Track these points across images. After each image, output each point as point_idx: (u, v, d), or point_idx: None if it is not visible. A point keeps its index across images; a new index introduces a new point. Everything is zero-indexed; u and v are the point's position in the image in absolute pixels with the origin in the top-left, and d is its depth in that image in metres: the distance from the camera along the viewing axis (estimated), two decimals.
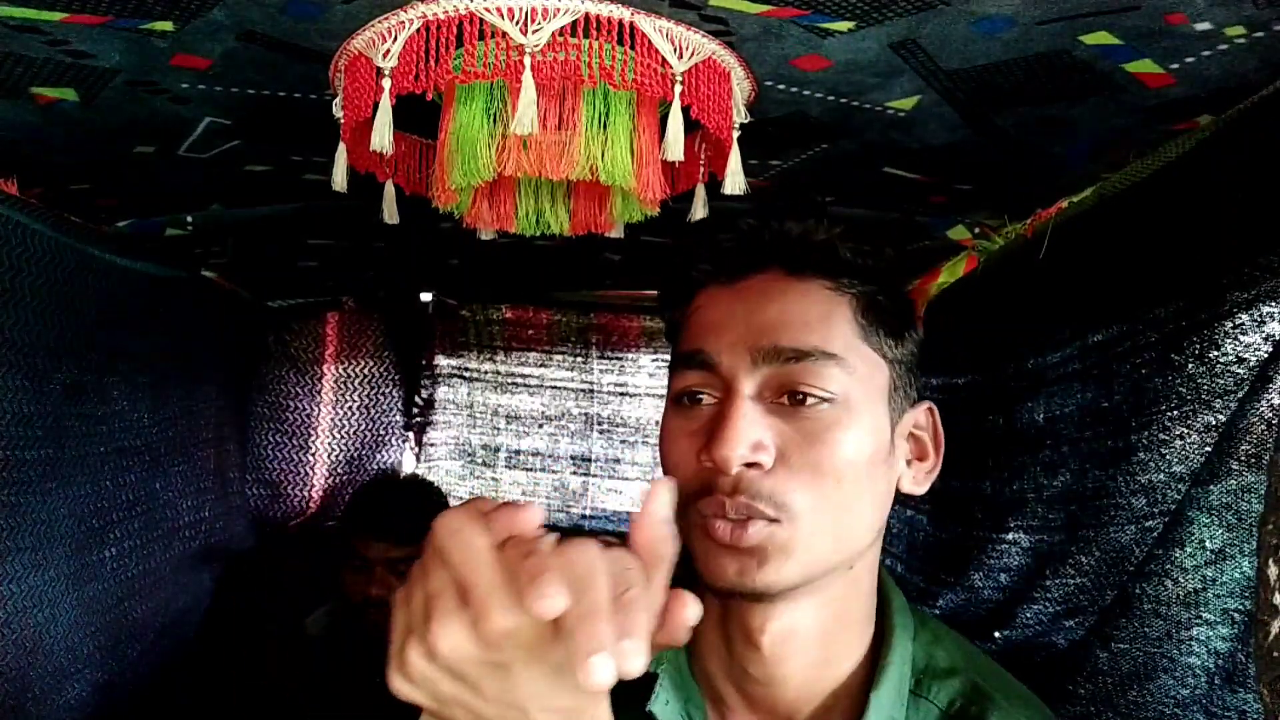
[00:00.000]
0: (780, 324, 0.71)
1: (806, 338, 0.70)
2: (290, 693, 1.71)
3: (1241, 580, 0.84)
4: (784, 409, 0.70)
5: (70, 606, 1.20)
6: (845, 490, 0.70)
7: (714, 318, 0.74)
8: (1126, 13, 0.67)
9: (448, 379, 2.26)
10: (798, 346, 0.70)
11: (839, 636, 0.75)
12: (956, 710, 0.74)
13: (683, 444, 0.72)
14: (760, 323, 0.71)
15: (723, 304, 0.74)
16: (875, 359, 0.74)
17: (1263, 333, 0.83)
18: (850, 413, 0.70)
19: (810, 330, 0.71)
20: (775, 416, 0.70)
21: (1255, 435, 0.78)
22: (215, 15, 0.71)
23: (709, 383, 0.72)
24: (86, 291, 1.18)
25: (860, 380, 0.72)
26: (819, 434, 0.69)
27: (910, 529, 1.50)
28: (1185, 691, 0.89)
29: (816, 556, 0.70)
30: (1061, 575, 1.07)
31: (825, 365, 0.70)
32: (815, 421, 0.69)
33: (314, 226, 1.44)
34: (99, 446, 1.28)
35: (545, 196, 0.96)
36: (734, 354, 0.71)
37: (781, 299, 0.73)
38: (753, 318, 0.72)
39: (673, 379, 0.75)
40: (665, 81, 0.73)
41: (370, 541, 1.71)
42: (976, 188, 1.09)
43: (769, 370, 0.70)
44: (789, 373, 0.70)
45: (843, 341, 0.72)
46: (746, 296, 0.74)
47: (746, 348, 0.71)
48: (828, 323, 0.72)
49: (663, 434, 0.75)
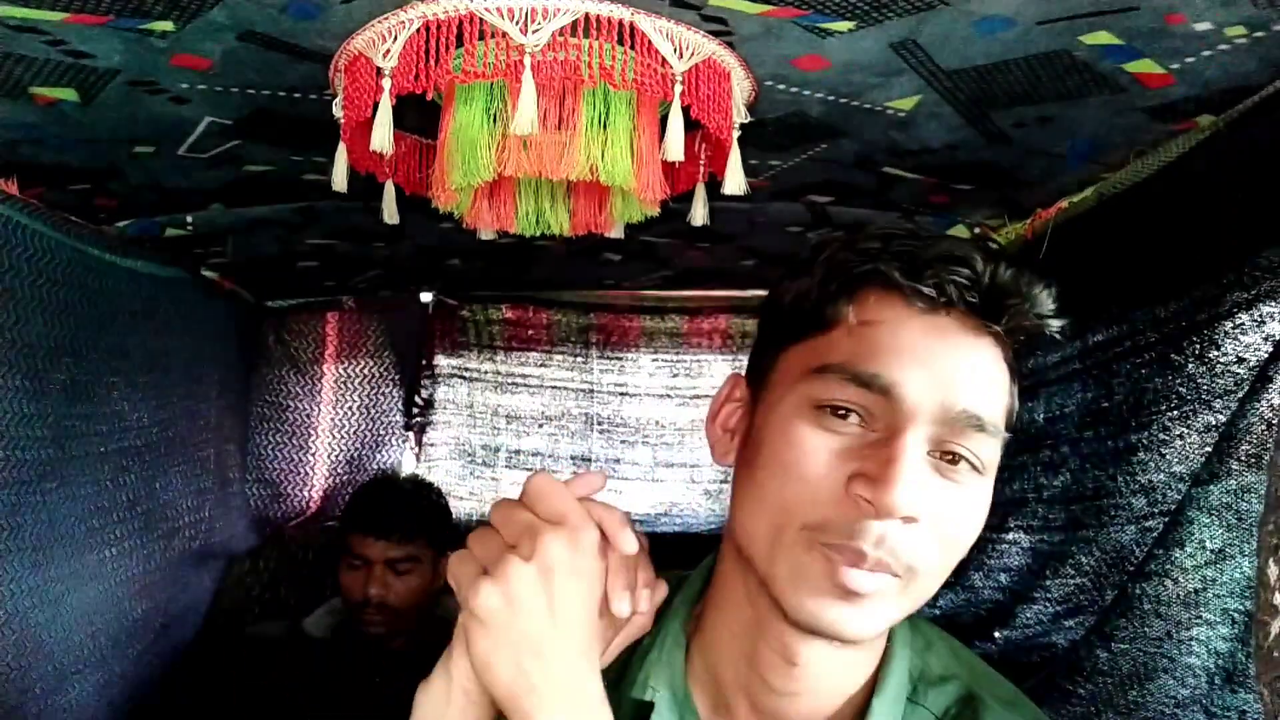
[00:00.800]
0: (976, 385, 0.66)
1: (989, 408, 0.66)
2: (290, 693, 1.71)
3: (1241, 580, 0.84)
4: (938, 464, 0.66)
5: (70, 606, 1.20)
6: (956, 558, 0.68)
7: (905, 345, 0.66)
8: (1126, 13, 0.67)
9: (448, 379, 2.26)
10: (983, 416, 0.65)
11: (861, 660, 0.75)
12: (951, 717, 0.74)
13: (820, 460, 0.65)
14: (958, 376, 0.65)
15: (916, 333, 0.66)
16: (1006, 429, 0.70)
17: (1263, 333, 0.83)
18: (985, 487, 0.68)
19: (995, 400, 0.67)
20: (930, 474, 0.65)
21: (1255, 435, 0.79)
22: (215, 15, 0.71)
23: (874, 409, 0.65)
24: (86, 291, 1.18)
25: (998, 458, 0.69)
26: (964, 504, 0.66)
27: None
28: (1185, 691, 0.89)
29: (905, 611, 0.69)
30: (1061, 575, 1.07)
31: (992, 440, 0.66)
32: (963, 489, 0.66)
33: (314, 226, 1.44)
34: (99, 446, 1.28)
35: (545, 196, 0.96)
36: (923, 396, 0.64)
37: (979, 356, 0.67)
38: (949, 366, 0.65)
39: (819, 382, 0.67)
40: (665, 81, 0.73)
41: (369, 541, 1.71)
42: (976, 188, 1.09)
43: (948, 427, 0.65)
44: (963, 436, 0.65)
45: (1006, 410, 0.69)
46: (945, 337, 0.66)
47: (939, 395, 0.64)
48: (1002, 390, 0.68)
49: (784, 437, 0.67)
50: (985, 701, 0.74)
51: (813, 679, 0.72)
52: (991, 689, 0.76)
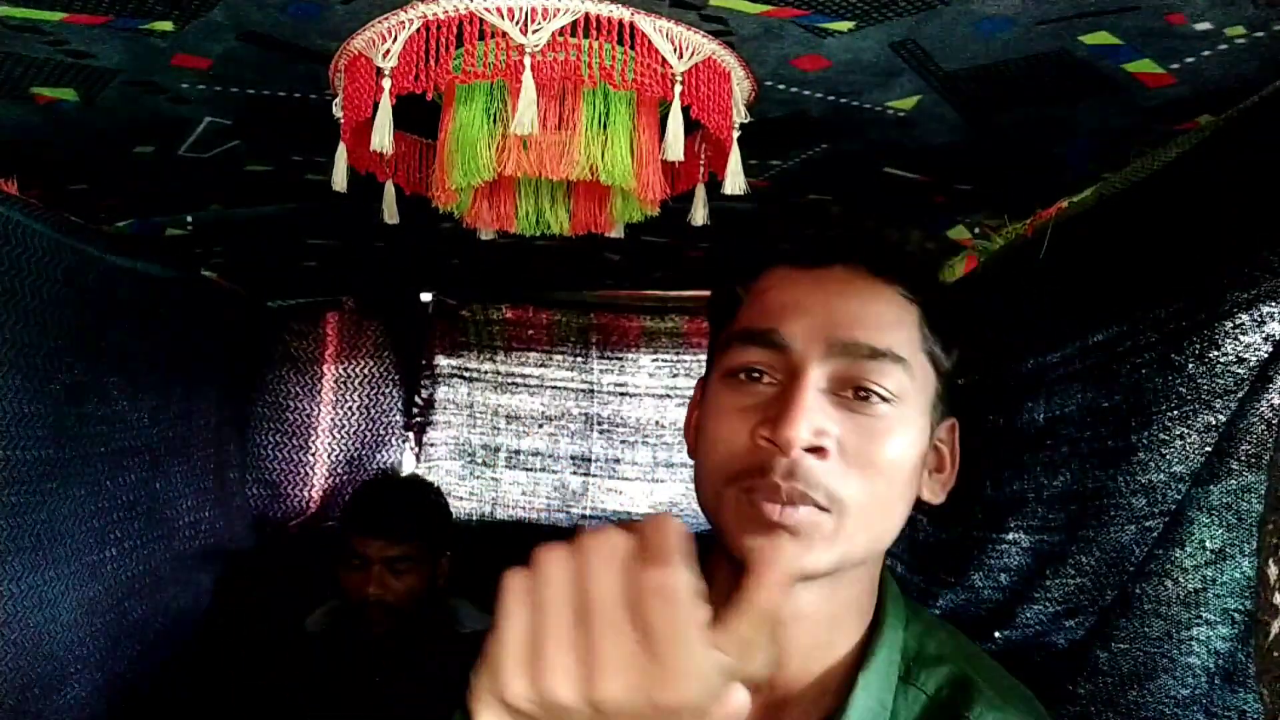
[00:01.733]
0: (860, 320, 0.72)
1: (882, 337, 0.72)
2: (290, 692, 1.71)
3: (1241, 580, 0.84)
4: (847, 403, 0.71)
5: (70, 606, 1.20)
6: (890, 490, 0.72)
7: (789, 300, 0.74)
8: (1126, 13, 0.67)
9: (448, 379, 2.26)
10: (874, 345, 0.71)
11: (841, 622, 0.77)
12: (944, 697, 0.75)
13: (734, 419, 0.72)
14: (841, 315, 0.72)
15: (800, 288, 0.75)
16: (929, 369, 0.75)
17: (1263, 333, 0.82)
18: (905, 416, 0.72)
19: (886, 331, 0.72)
20: (837, 408, 0.71)
21: (1255, 435, 0.79)
22: (215, 15, 0.71)
23: (773, 363, 0.72)
24: (86, 291, 1.18)
25: (918, 387, 0.74)
26: (878, 432, 0.71)
27: (910, 529, 1.49)
28: (1185, 691, 0.89)
29: (851, 550, 0.71)
30: (1061, 575, 1.07)
31: (893, 367, 0.71)
32: (876, 420, 0.71)
33: (314, 226, 1.44)
34: (99, 446, 1.28)
35: (545, 196, 0.96)
36: (809, 339, 0.71)
37: (862, 296, 0.74)
38: (833, 308, 0.73)
39: (728, 353, 0.75)
40: (665, 81, 0.73)
41: (368, 540, 1.71)
42: (976, 188, 1.09)
43: (841, 363, 0.71)
44: (860, 368, 0.71)
45: (910, 347, 0.73)
46: (827, 286, 0.74)
47: (824, 336, 0.71)
48: (901, 327, 0.74)
49: (707, 409, 0.75)
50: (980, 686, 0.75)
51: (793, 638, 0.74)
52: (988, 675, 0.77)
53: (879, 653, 0.76)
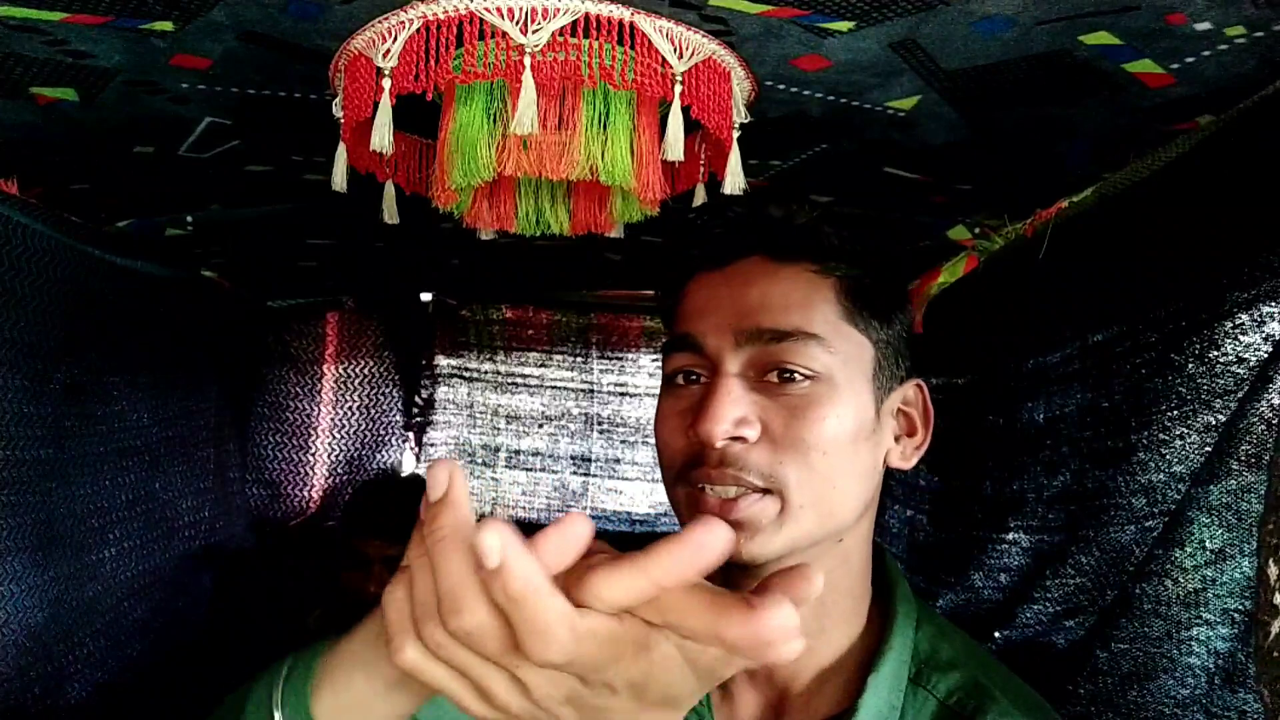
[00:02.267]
0: (762, 306, 0.74)
1: (787, 318, 0.74)
2: None
3: (1241, 580, 0.84)
4: (770, 386, 0.73)
5: (70, 606, 1.20)
6: (830, 463, 0.72)
7: (701, 302, 0.78)
8: (1126, 13, 0.67)
9: (448, 379, 2.26)
10: (778, 327, 0.73)
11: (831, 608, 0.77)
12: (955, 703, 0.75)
13: (672, 421, 0.76)
14: (743, 305, 0.75)
15: (710, 288, 0.78)
16: (859, 339, 0.76)
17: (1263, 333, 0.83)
18: (833, 390, 0.73)
19: (791, 312, 0.74)
20: (760, 394, 0.73)
21: (1255, 435, 0.79)
22: (215, 15, 0.71)
23: (698, 363, 0.76)
24: (86, 291, 1.18)
25: (843, 359, 0.75)
26: (802, 409, 0.72)
27: (910, 529, 1.49)
28: (1185, 691, 0.89)
29: (803, 529, 0.72)
30: (1061, 575, 1.07)
31: (807, 344, 0.73)
32: (799, 398, 0.73)
33: (314, 226, 1.44)
34: (99, 446, 1.28)
35: (545, 196, 0.96)
36: (719, 335, 0.74)
37: (764, 282, 0.76)
38: (737, 300, 0.75)
39: (666, 361, 0.79)
40: (665, 81, 0.73)
41: (369, 540, 1.73)
42: (976, 188, 1.09)
43: (753, 350, 0.73)
44: (772, 352, 0.73)
45: (824, 322, 0.75)
46: (732, 281, 0.77)
47: (730, 329, 0.74)
48: (809, 304, 0.75)
49: (656, 415, 0.79)
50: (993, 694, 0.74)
51: None
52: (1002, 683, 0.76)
53: (889, 654, 0.75)
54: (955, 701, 0.74)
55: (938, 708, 0.74)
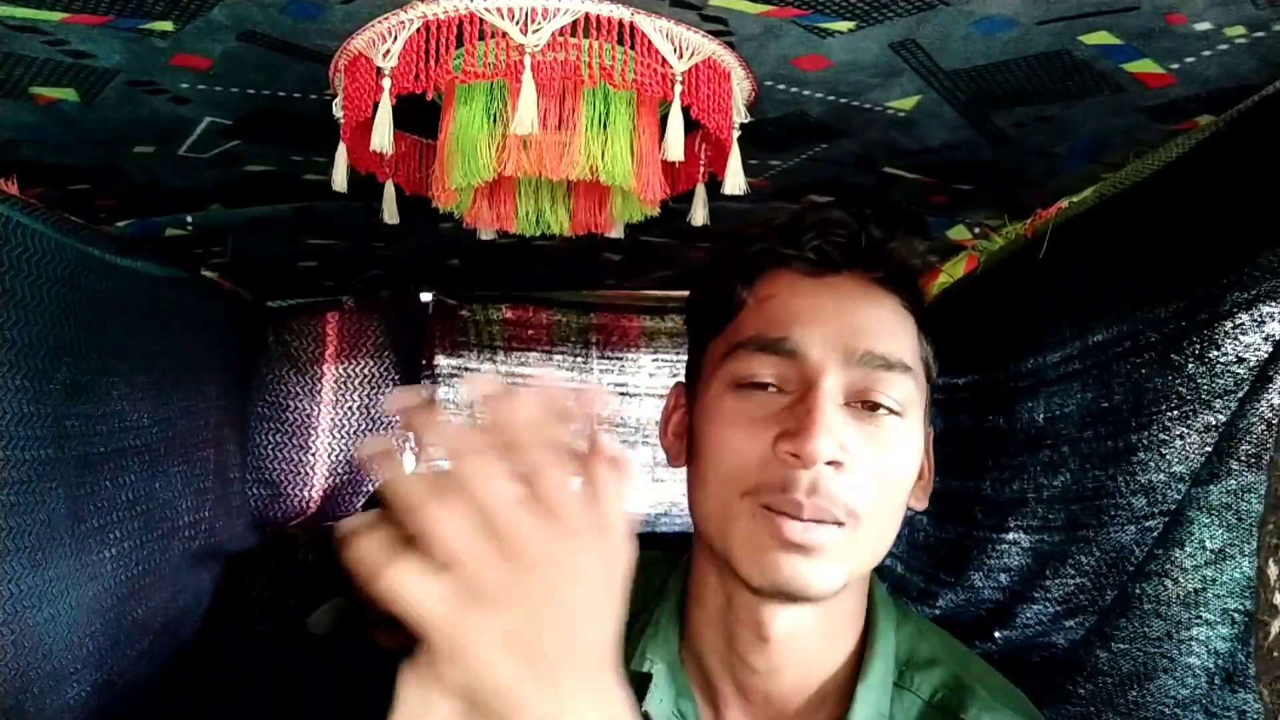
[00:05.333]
0: (874, 330, 0.71)
1: (895, 348, 0.71)
2: (291, 692, 1.71)
3: (1241, 580, 0.84)
4: (857, 413, 0.70)
5: (70, 606, 1.20)
6: (897, 500, 0.72)
7: (799, 307, 0.72)
8: (1126, 13, 0.67)
9: (448, 379, 2.26)
10: (887, 355, 0.71)
11: (837, 635, 0.76)
12: (938, 700, 0.75)
13: (748, 428, 0.70)
14: (855, 324, 0.71)
15: (809, 296, 0.73)
16: (924, 376, 0.76)
17: (1263, 333, 0.83)
18: (907, 427, 0.72)
19: (897, 341, 0.72)
20: (850, 421, 0.70)
21: (1255, 435, 0.78)
22: (215, 15, 0.71)
23: (785, 372, 0.71)
24: (86, 291, 1.18)
25: (919, 397, 0.74)
26: (887, 443, 0.70)
27: (910, 529, 1.49)
28: (1185, 691, 0.89)
29: (861, 562, 0.71)
30: (1061, 575, 1.07)
31: (903, 378, 0.71)
32: (885, 431, 0.70)
33: (314, 226, 1.44)
34: (99, 446, 1.28)
35: (545, 196, 0.96)
36: (825, 349, 0.70)
37: (871, 306, 0.73)
38: (845, 316, 0.71)
39: (732, 360, 0.73)
40: (665, 81, 0.73)
41: None
42: (976, 188, 1.09)
43: (856, 373, 0.70)
44: (873, 379, 0.70)
45: (913, 357, 0.74)
46: (837, 294, 0.73)
47: (840, 345, 0.70)
48: (905, 336, 0.74)
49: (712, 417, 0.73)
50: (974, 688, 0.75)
51: (789, 654, 0.74)
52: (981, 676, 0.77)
53: (875, 663, 0.75)
54: (939, 699, 0.75)
55: (923, 707, 0.75)
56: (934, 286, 1.38)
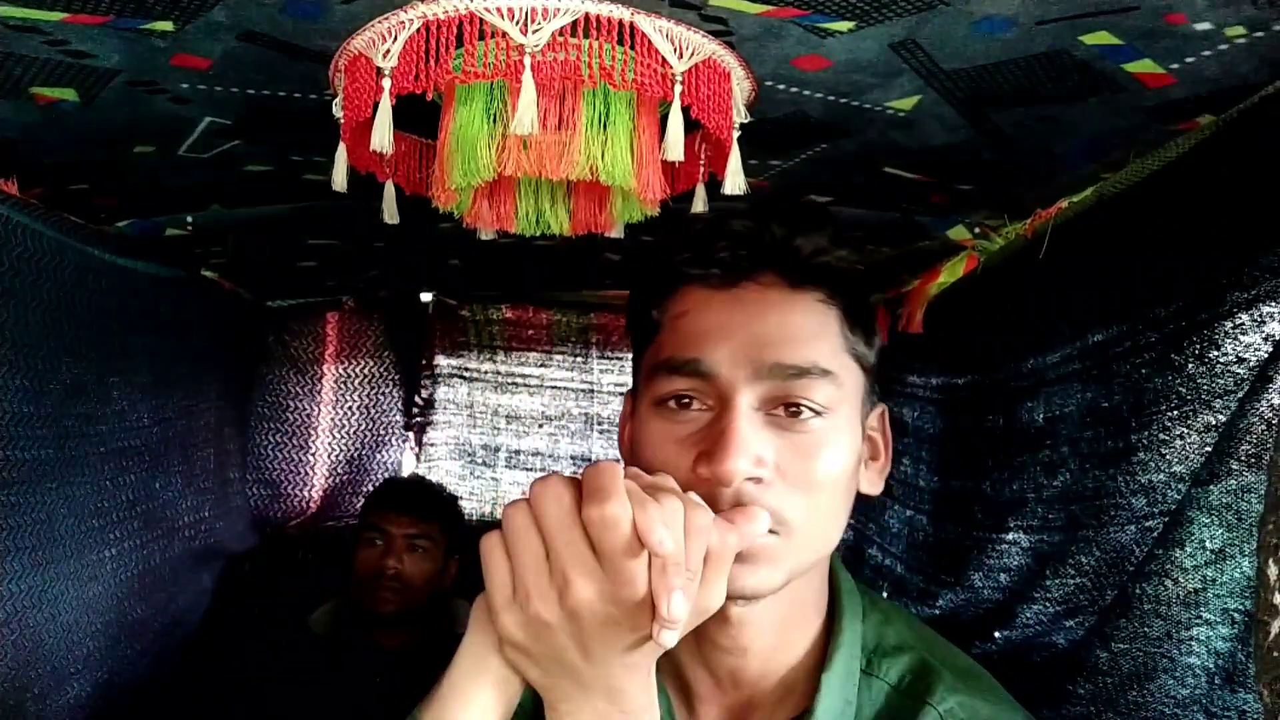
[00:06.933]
0: (782, 338, 0.70)
1: (806, 354, 0.70)
2: (291, 691, 1.72)
3: (1241, 580, 0.84)
4: (779, 420, 0.70)
5: (70, 606, 1.20)
6: (831, 500, 0.71)
7: (708, 324, 0.72)
8: (1126, 13, 0.67)
9: (448, 379, 2.26)
10: (799, 364, 0.70)
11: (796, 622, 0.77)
12: (905, 686, 0.75)
13: (671, 449, 0.71)
14: (762, 336, 0.70)
15: (717, 309, 0.73)
16: (855, 369, 0.74)
17: (1263, 333, 0.83)
18: (838, 426, 0.71)
19: (809, 346, 0.71)
20: (771, 429, 0.69)
21: (1255, 435, 0.79)
22: (215, 15, 0.71)
23: (702, 390, 0.71)
24: (86, 291, 1.18)
25: (847, 393, 0.72)
26: (813, 448, 0.70)
27: (910, 529, 1.50)
28: (1185, 691, 0.89)
29: (800, 563, 0.71)
30: (1061, 575, 1.07)
31: (821, 381, 0.70)
32: (809, 435, 0.70)
33: (314, 226, 1.44)
34: (99, 446, 1.28)
35: (545, 196, 0.96)
36: (734, 366, 0.70)
37: (780, 311, 0.72)
38: (753, 329, 0.71)
39: (654, 382, 0.73)
40: (665, 81, 0.73)
41: (389, 515, 1.79)
42: (976, 188, 1.09)
43: (769, 384, 0.69)
44: (788, 388, 0.69)
45: (834, 355, 0.72)
46: (744, 305, 0.72)
47: (748, 361, 0.69)
48: (823, 336, 0.72)
49: (641, 437, 0.74)
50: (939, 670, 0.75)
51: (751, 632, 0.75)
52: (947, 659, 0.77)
53: (839, 650, 0.76)
54: (906, 685, 0.75)
55: (890, 692, 0.76)
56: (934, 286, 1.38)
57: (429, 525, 1.80)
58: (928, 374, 1.53)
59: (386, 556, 1.75)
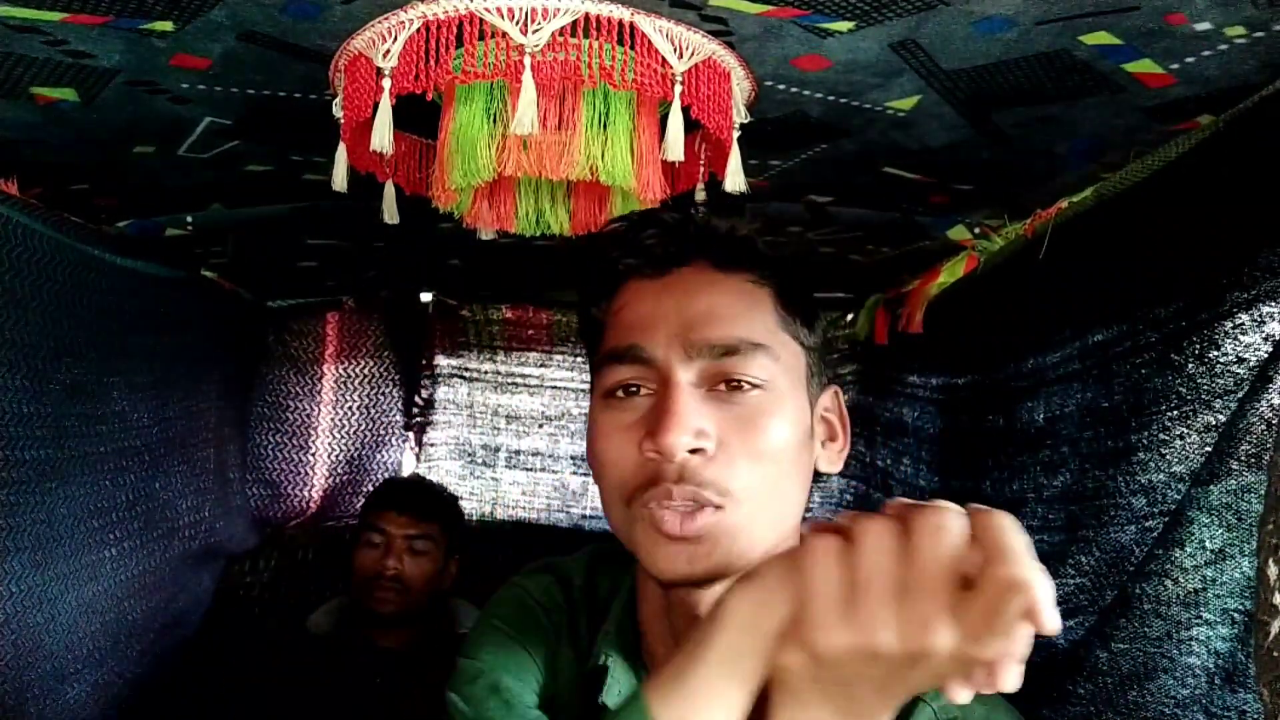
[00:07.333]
0: (711, 318, 0.73)
1: (735, 331, 0.73)
2: (291, 691, 1.72)
3: (1241, 580, 0.84)
4: (719, 395, 0.72)
5: (70, 606, 1.20)
6: (780, 472, 0.73)
7: (643, 312, 0.75)
8: (1126, 13, 0.67)
9: (448, 379, 2.26)
10: (727, 341, 0.72)
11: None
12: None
13: (618, 437, 0.73)
14: (691, 316, 0.73)
15: (651, 298, 0.75)
16: (794, 346, 0.76)
17: (1263, 333, 0.83)
18: (779, 398, 0.73)
19: (738, 323, 0.73)
20: (711, 404, 0.72)
21: (1255, 435, 0.79)
22: (215, 15, 0.71)
23: (644, 376, 0.73)
24: (86, 291, 1.18)
25: (785, 367, 0.74)
26: (754, 419, 0.72)
27: None
28: (1185, 691, 0.89)
29: (756, 539, 0.72)
30: (1061, 575, 1.07)
31: (755, 355, 0.72)
32: (749, 407, 0.72)
33: (314, 226, 1.44)
34: (99, 446, 1.28)
35: (545, 196, 0.96)
36: (668, 347, 0.72)
37: (710, 292, 0.75)
38: (684, 311, 0.73)
39: (601, 375, 0.76)
40: (665, 81, 0.73)
41: (390, 515, 1.79)
42: (976, 188, 1.09)
43: (703, 362, 0.72)
44: (722, 365, 0.72)
45: (767, 331, 0.74)
46: (674, 290, 0.75)
47: (680, 341, 0.72)
48: (754, 314, 0.75)
49: (594, 432, 0.76)
50: None
51: None
52: None
53: None
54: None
55: None
56: (934, 286, 1.38)
57: (429, 525, 1.80)
58: (928, 374, 1.53)
59: (386, 557, 1.75)
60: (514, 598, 0.88)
